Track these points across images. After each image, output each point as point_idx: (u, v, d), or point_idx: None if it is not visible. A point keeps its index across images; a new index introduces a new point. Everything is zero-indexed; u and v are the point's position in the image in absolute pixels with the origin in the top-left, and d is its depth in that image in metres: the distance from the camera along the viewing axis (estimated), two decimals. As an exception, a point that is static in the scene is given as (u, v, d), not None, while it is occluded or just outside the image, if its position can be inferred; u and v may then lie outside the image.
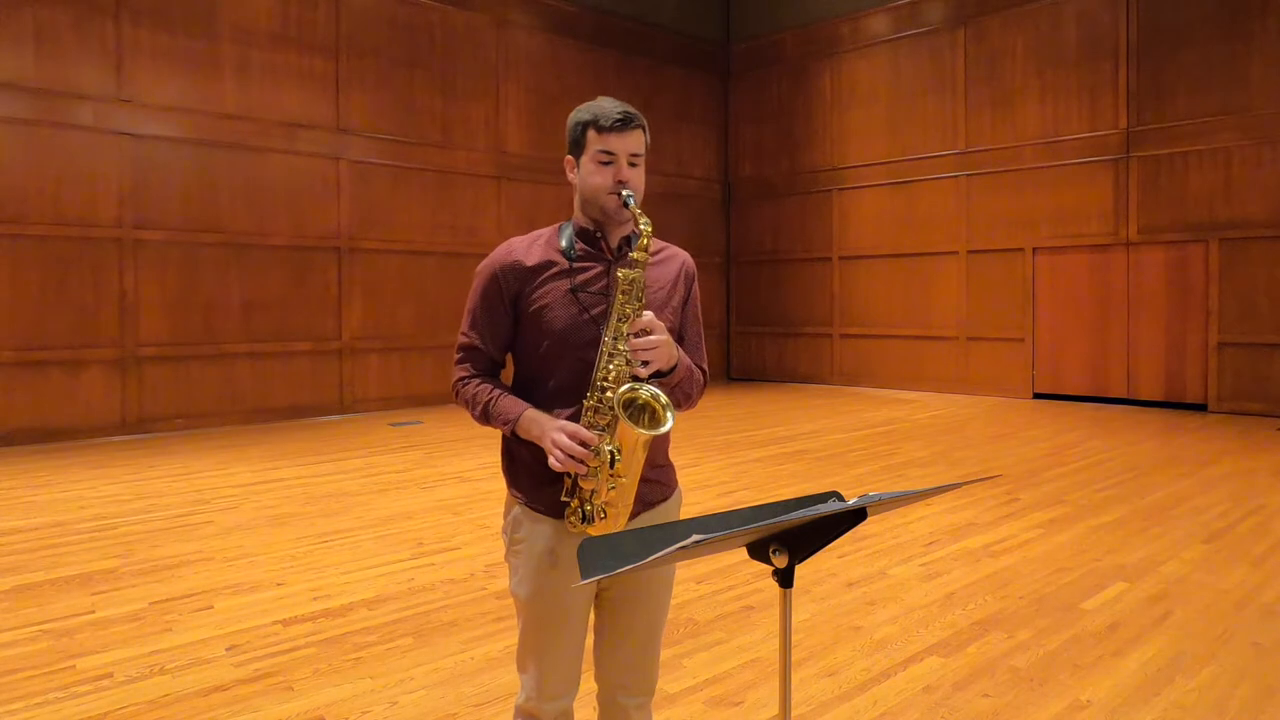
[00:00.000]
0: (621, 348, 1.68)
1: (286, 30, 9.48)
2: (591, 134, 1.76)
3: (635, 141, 1.77)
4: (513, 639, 3.36)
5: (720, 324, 14.36)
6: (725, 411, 10.36)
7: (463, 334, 1.87)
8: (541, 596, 1.81)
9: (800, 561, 1.39)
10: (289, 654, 3.22)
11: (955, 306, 11.75)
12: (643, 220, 1.71)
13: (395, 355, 10.38)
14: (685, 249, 2.03)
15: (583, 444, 1.64)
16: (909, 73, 12.11)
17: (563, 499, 1.73)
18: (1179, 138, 9.88)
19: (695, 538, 1.21)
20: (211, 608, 3.72)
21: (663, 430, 1.66)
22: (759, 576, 4.03)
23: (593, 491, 1.70)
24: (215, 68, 9.01)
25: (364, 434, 8.55)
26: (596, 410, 1.69)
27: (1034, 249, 11.02)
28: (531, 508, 1.81)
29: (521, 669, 1.92)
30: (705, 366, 1.93)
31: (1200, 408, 9.83)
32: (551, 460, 1.66)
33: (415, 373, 10.53)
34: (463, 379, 1.85)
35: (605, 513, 1.70)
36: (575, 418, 1.73)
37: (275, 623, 3.54)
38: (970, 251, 11.57)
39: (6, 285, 7.84)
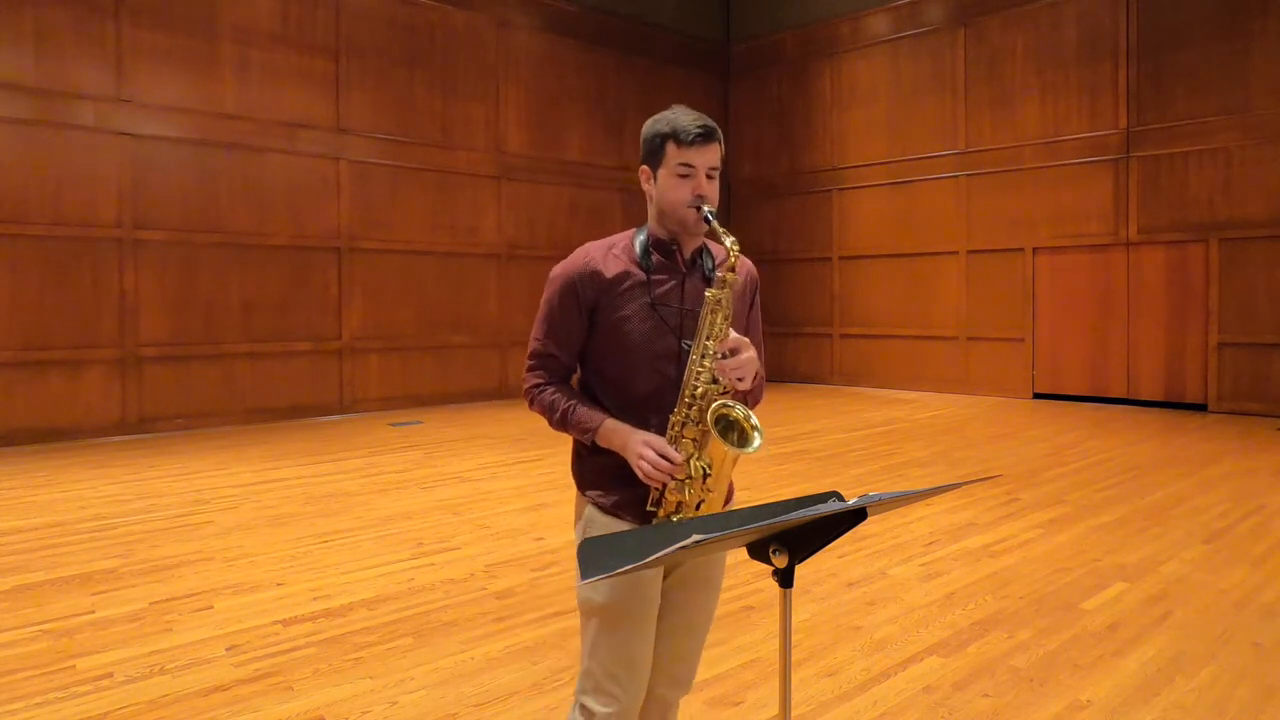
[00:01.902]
0: (707, 364, 1.70)
1: (286, 30, 9.48)
2: (671, 147, 1.76)
3: (714, 155, 1.77)
4: (513, 639, 3.36)
5: (720, 324, 14.34)
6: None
7: (536, 339, 1.87)
8: (621, 600, 1.77)
9: (800, 561, 1.39)
10: (289, 654, 3.22)
11: (955, 306, 11.75)
12: (728, 239, 1.71)
13: (395, 355, 10.38)
14: None
15: (668, 460, 1.67)
16: (909, 73, 12.11)
17: (649, 508, 1.76)
18: (1179, 138, 9.88)
19: (695, 537, 1.21)
20: (211, 608, 3.72)
21: (752, 449, 1.69)
22: (759, 576, 4.03)
23: (679, 503, 1.72)
24: (215, 68, 9.01)
25: (364, 434, 8.55)
26: (685, 424, 1.72)
27: (1034, 249, 11.02)
28: (605, 509, 1.82)
29: (592, 688, 1.79)
30: (763, 372, 1.96)
31: (1200, 408, 9.83)
32: (638, 471, 1.69)
33: (415, 373, 10.53)
34: (538, 385, 1.86)
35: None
36: (653, 427, 1.76)
37: (275, 623, 3.54)
38: (970, 251, 11.57)
39: (6, 285, 7.84)
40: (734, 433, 1.70)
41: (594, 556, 1.39)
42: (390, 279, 10.32)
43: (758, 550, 1.41)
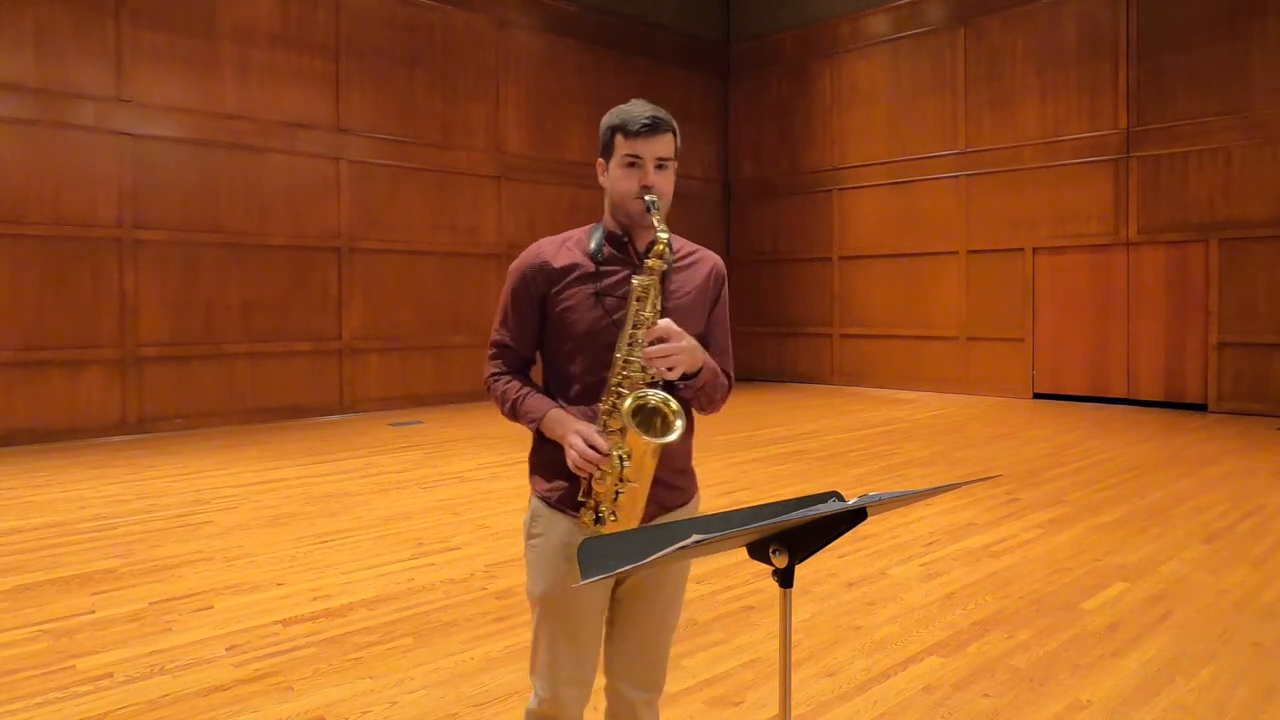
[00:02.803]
0: (636, 355, 1.70)
1: (286, 30, 9.48)
2: (619, 138, 1.77)
3: (663, 145, 1.77)
4: (513, 639, 3.36)
5: (720, 324, 14.34)
6: (725, 411, 10.34)
7: (495, 330, 1.92)
8: (556, 593, 1.81)
9: (800, 561, 1.39)
10: (289, 654, 3.22)
11: (955, 306, 11.75)
12: (660, 228, 1.73)
13: (395, 355, 10.38)
14: None
15: (596, 448, 1.67)
16: (909, 73, 12.11)
17: (579, 498, 1.76)
18: (1179, 138, 9.88)
19: (695, 538, 1.21)
20: (211, 608, 3.72)
21: (670, 438, 1.67)
22: (759, 576, 4.03)
23: (602, 494, 1.73)
24: (215, 68, 9.01)
25: (364, 434, 8.55)
26: (610, 414, 1.72)
27: (1034, 249, 11.01)
28: (549, 503, 1.83)
29: (534, 671, 1.89)
30: (730, 371, 1.94)
31: (1200, 408, 9.83)
32: (568, 461, 1.70)
33: (415, 373, 10.53)
34: (494, 374, 1.91)
35: (616, 515, 1.73)
36: (595, 418, 1.77)
37: (275, 623, 3.54)
38: (970, 251, 11.57)
39: (6, 285, 7.84)
40: (656, 419, 1.70)
41: (594, 557, 1.39)
42: (390, 279, 10.32)
43: (758, 550, 1.41)
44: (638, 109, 1.77)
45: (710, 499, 5.79)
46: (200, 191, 8.93)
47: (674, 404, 1.70)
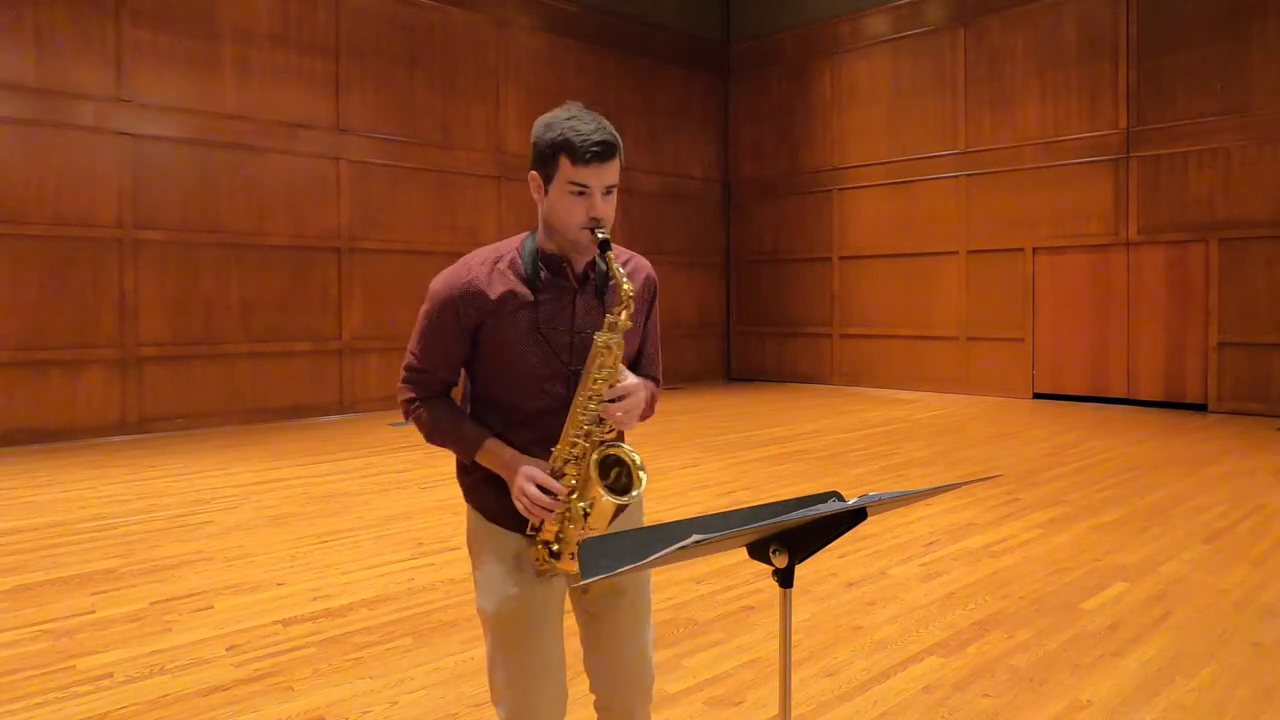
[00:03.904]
0: (593, 407, 1.65)
1: (286, 30, 9.48)
2: (565, 161, 1.61)
3: (612, 172, 1.64)
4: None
5: (720, 324, 14.35)
6: (725, 411, 10.35)
7: (412, 354, 1.78)
8: (511, 608, 1.74)
9: (800, 561, 1.39)
10: (289, 654, 3.22)
11: (955, 306, 11.75)
12: (624, 278, 1.62)
13: (395, 355, 10.37)
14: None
15: (551, 493, 1.64)
16: (909, 73, 12.11)
17: (528, 532, 1.72)
18: (1179, 138, 9.88)
19: (695, 538, 1.21)
20: (211, 608, 3.72)
21: (634, 496, 1.66)
22: (759, 576, 4.03)
23: (559, 534, 1.69)
24: (215, 68, 9.01)
25: (364, 434, 8.55)
26: (567, 461, 1.67)
27: (1034, 249, 11.02)
28: (488, 518, 1.78)
29: (496, 699, 1.78)
30: (659, 376, 1.91)
31: (1200, 408, 9.83)
32: (518, 505, 1.65)
33: (415, 373, 10.51)
34: (412, 400, 1.80)
35: (575, 554, 1.68)
36: (535, 447, 1.71)
37: (275, 623, 3.54)
38: (970, 251, 11.57)
39: (6, 285, 7.84)
40: (620, 470, 1.68)
41: (594, 557, 1.39)
42: (390, 279, 10.32)
43: (758, 550, 1.41)
44: (585, 126, 1.60)
45: (710, 499, 5.79)
46: (200, 191, 8.93)
47: (638, 458, 1.67)
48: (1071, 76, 10.64)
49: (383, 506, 5.55)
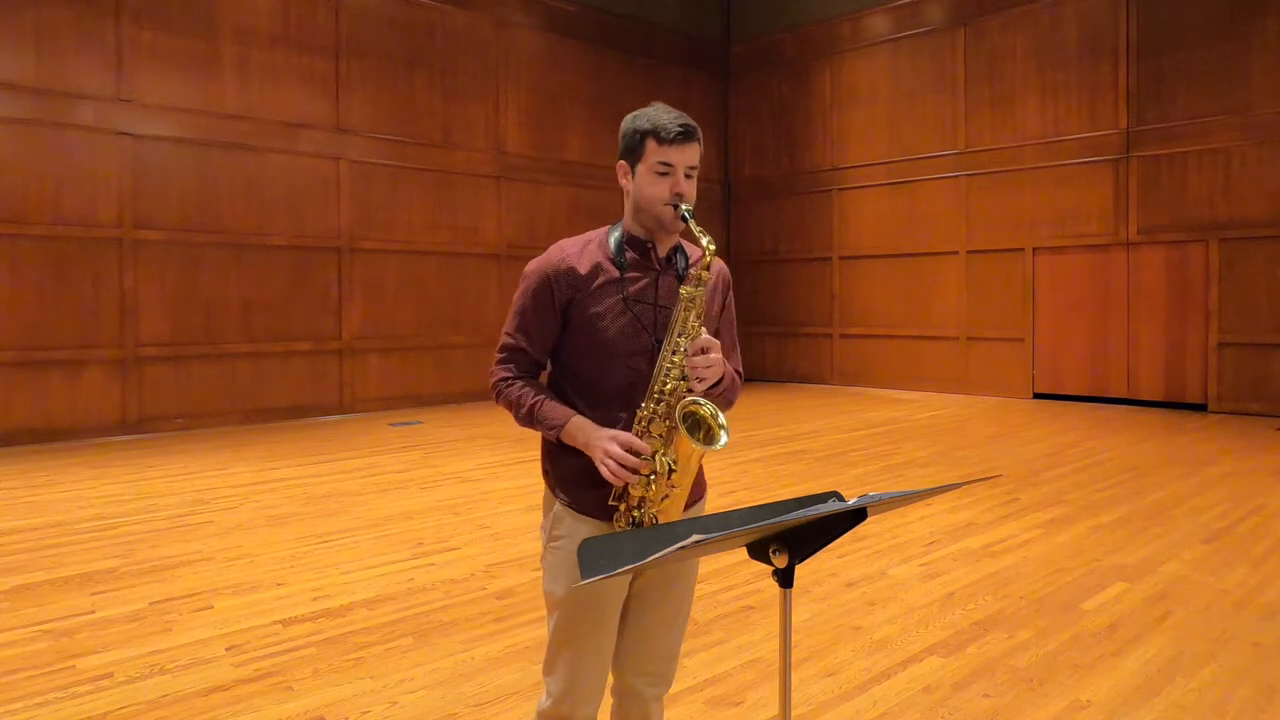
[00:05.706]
0: (678, 360, 1.72)
1: (286, 30, 9.48)
2: (651, 144, 1.76)
3: (693, 154, 1.78)
4: (513, 639, 3.36)
5: (720, 324, 14.34)
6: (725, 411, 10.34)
7: (508, 334, 1.88)
8: (579, 594, 1.81)
9: (800, 561, 1.39)
10: (289, 654, 3.22)
11: (955, 306, 11.75)
12: (705, 239, 1.72)
13: (395, 355, 10.38)
14: None
15: (636, 454, 1.68)
16: (909, 73, 12.11)
17: (611, 503, 1.76)
18: (1179, 138, 9.88)
19: (695, 538, 1.21)
20: (211, 608, 3.72)
21: (718, 446, 1.70)
22: (759, 576, 4.03)
23: (642, 499, 1.73)
24: (215, 68, 9.01)
25: (364, 434, 8.55)
26: (652, 420, 1.73)
27: (1034, 249, 11.02)
28: (575, 509, 1.83)
29: (548, 671, 1.89)
30: (740, 369, 1.98)
31: (1200, 408, 9.83)
32: (602, 469, 1.69)
33: (415, 373, 10.53)
34: (505, 379, 1.87)
35: (656, 519, 1.74)
36: (621, 423, 1.77)
37: (275, 623, 3.54)
38: (970, 251, 11.57)
39: (6, 285, 7.84)
40: (701, 430, 1.72)
41: (594, 557, 1.39)
42: (390, 279, 10.32)
43: (758, 550, 1.41)
44: (668, 115, 1.77)
45: (710, 499, 5.78)
46: (200, 191, 8.93)
47: (721, 416, 1.73)
48: (1071, 76, 10.64)
49: (383, 506, 5.55)
